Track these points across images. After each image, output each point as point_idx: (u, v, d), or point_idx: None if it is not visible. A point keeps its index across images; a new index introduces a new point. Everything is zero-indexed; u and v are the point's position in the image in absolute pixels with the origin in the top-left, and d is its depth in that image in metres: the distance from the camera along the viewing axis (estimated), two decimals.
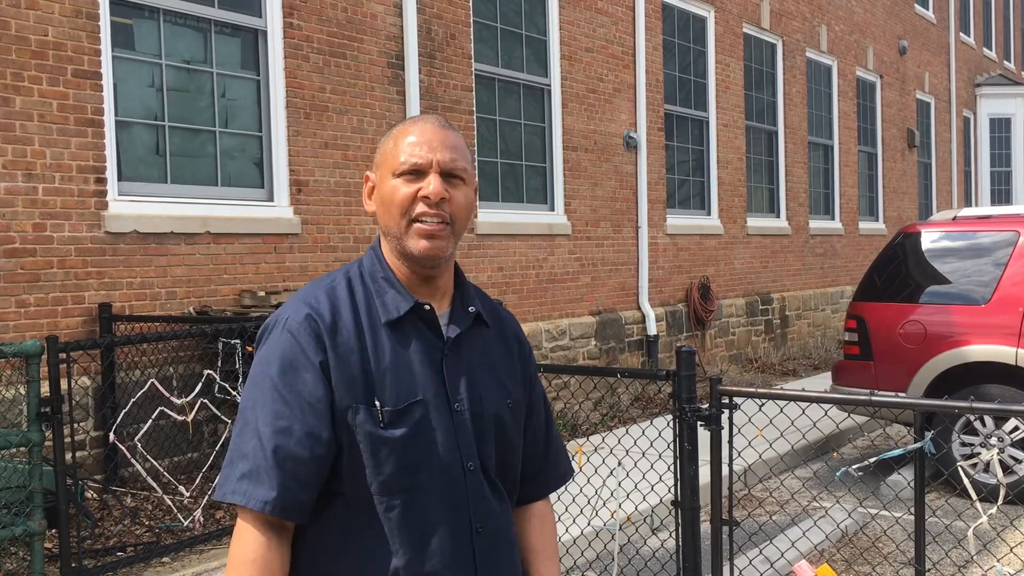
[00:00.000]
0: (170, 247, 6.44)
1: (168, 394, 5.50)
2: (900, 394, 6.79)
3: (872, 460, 3.90)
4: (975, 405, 3.28)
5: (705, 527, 3.93)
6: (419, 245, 1.76)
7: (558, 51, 9.78)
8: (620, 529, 5.14)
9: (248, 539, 1.68)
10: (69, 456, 5.00)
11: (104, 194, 6.13)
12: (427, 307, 1.79)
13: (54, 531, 4.88)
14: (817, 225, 15.06)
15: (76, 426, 5.64)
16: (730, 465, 3.69)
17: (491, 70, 9.11)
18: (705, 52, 12.31)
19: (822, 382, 10.56)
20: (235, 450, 1.72)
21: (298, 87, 7.27)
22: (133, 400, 5.55)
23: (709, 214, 12.42)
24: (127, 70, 6.39)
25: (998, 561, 5.21)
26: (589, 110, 10.18)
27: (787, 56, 14.14)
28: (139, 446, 5.71)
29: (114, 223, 6.14)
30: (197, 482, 5.92)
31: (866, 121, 16.95)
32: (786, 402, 3.70)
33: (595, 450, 5.23)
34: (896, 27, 18.06)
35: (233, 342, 5.71)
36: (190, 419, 5.55)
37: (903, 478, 6.90)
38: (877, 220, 17.49)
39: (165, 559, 5.06)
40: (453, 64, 8.56)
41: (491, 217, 8.95)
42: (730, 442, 3.67)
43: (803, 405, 3.76)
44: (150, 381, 5.54)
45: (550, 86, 9.76)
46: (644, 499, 5.24)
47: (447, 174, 1.77)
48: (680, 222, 11.66)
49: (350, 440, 1.70)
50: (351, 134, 7.67)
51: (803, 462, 7.59)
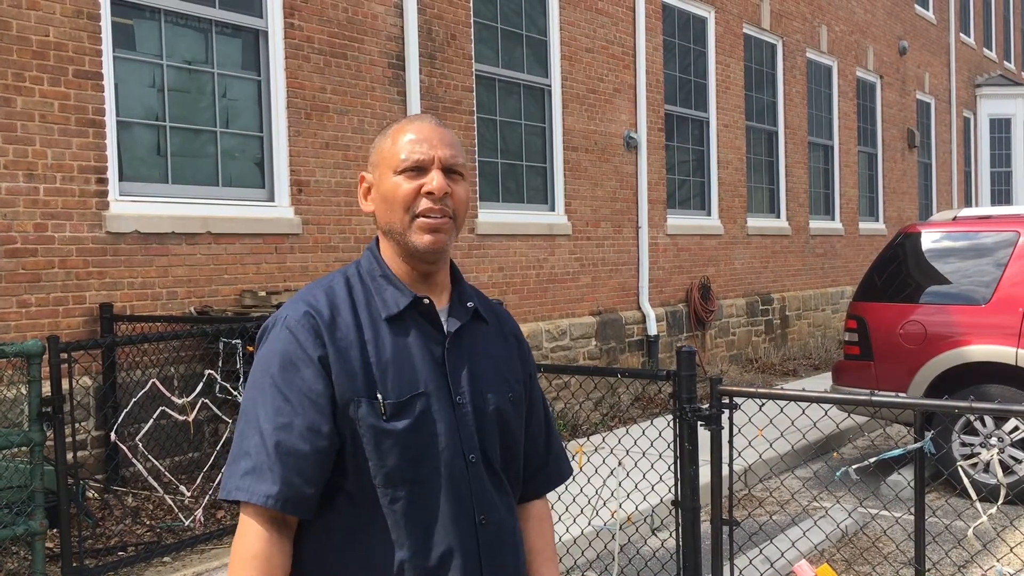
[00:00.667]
0: (171, 247, 6.44)
1: (169, 394, 5.51)
2: (900, 394, 6.80)
3: (872, 460, 3.90)
4: (975, 405, 3.29)
5: (705, 527, 3.94)
6: (423, 239, 1.78)
7: (558, 51, 9.79)
8: (620, 529, 5.14)
9: (250, 534, 1.68)
10: (70, 456, 5.00)
11: (105, 194, 6.14)
12: (426, 301, 1.81)
13: (55, 531, 4.88)
14: (817, 225, 15.07)
15: (77, 426, 5.65)
16: (730, 465, 3.70)
17: (491, 70, 9.12)
18: (705, 52, 12.32)
19: (822, 382, 10.57)
20: (237, 448, 1.73)
21: (299, 87, 7.27)
22: (134, 400, 5.56)
23: (709, 214, 12.43)
24: (128, 70, 6.40)
25: (998, 561, 5.22)
26: (589, 110, 10.18)
27: (787, 56, 14.15)
28: (140, 446, 5.71)
29: (115, 223, 6.15)
30: (198, 482, 5.92)
31: (866, 121, 16.95)
32: (786, 402, 3.71)
33: (595, 450, 5.24)
34: (896, 27, 18.07)
35: (234, 342, 5.71)
36: (191, 419, 5.55)
37: (903, 478, 6.91)
38: (877, 220, 17.50)
39: (166, 559, 5.07)
40: (454, 64, 8.57)
41: (491, 217, 8.96)
42: (730, 442, 3.67)
43: (803, 405, 3.76)
44: (151, 381, 5.55)
45: (550, 86, 9.76)
46: (644, 499, 5.25)
47: (448, 170, 1.80)
48: (680, 222, 11.67)
49: (352, 434, 1.71)
50: (352, 134, 7.67)
51: (803, 462, 7.59)
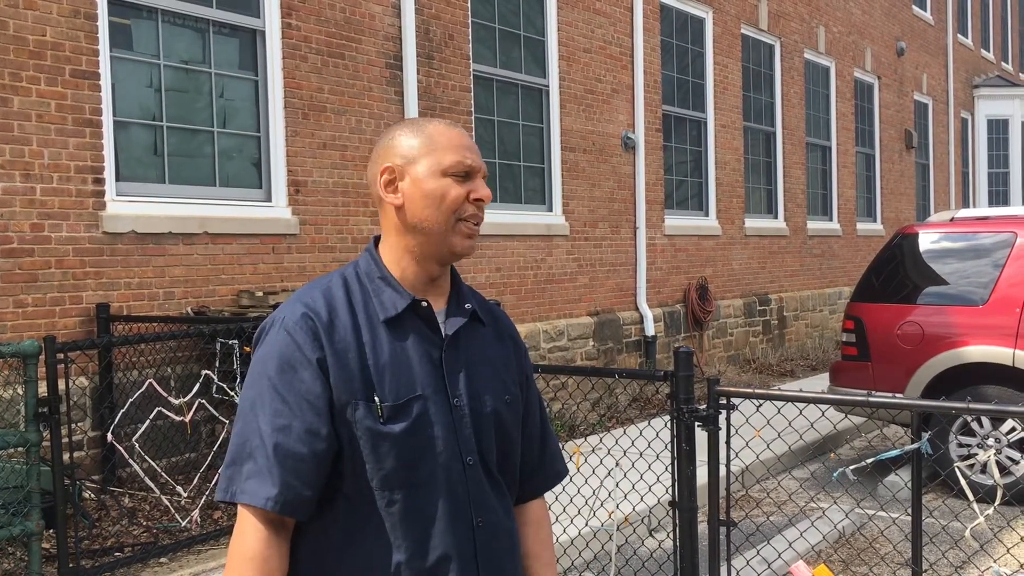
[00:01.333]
0: (168, 247, 6.44)
1: (166, 394, 5.50)
2: (897, 395, 6.80)
3: (869, 461, 3.90)
4: (972, 406, 3.29)
5: (703, 528, 3.93)
6: (464, 244, 1.81)
7: (556, 52, 9.79)
8: (618, 529, 5.14)
9: (248, 536, 1.68)
10: (67, 456, 4.99)
11: (102, 194, 6.13)
12: (424, 304, 1.81)
13: (52, 531, 4.88)
14: (815, 226, 15.08)
15: (74, 426, 5.64)
16: (727, 466, 3.70)
17: (489, 71, 9.12)
18: (703, 53, 12.32)
19: (820, 383, 10.58)
20: (235, 450, 1.72)
21: (296, 87, 7.27)
22: (131, 400, 5.55)
23: (707, 215, 12.43)
24: (125, 70, 6.39)
25: (995, 562, 5.22)
26: (587, 111, 10.18)
27: (785, 57, 14.15)
28: (137, 446, 5.71)
29: (112, 223, 6.14)
30: (195, 482, 5.91)
31: (864, 122, 16.96)
32: (784, 403, 3.70)
33: (593, 451, 5.24)
34: (894, 28, 18.08)
35: (231, 342, 5.71)
36: (188, 419, 5.55)
37: (900, 479, 6.91)
38: (875, 221, 17.51)
39: (163, 559, 5.06)
40: (451, 65, 8.57)
41: (489, 218, 8.94)
42: (727, 443, 3.67)
43: (800, 406, 3.76)
44: (148, 381, 5.54)
45: (548, 87, 9.76)
46: (642, 499, 5.25)
47: (483, 178, 1.86)
48: (678, 223, 11.67)
49: (350, 436, 1.71)
50: (349, 134, 7.67)
51: (800, 463, 7.60)
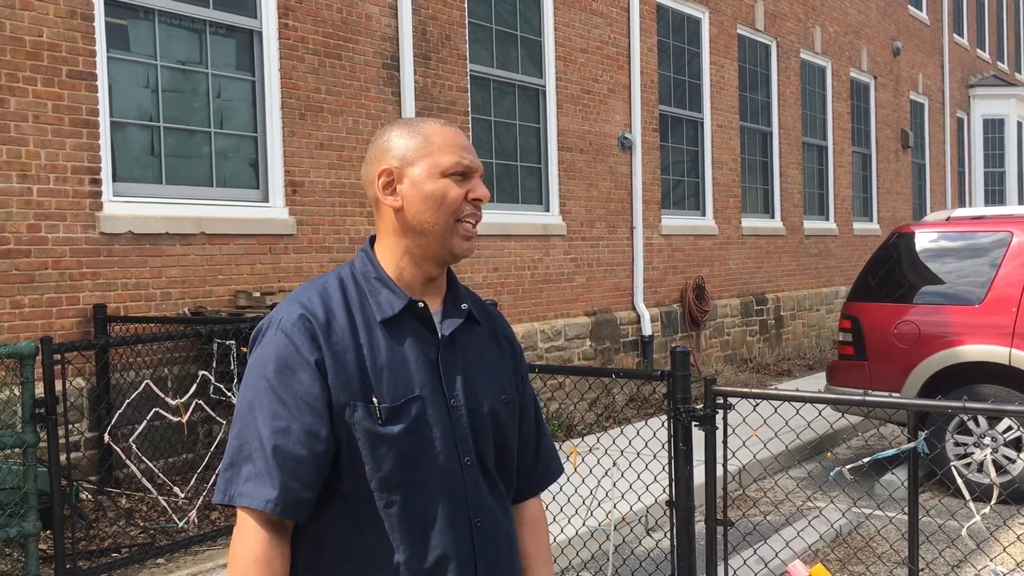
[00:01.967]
0: (165, 248, 6.43)
1: (163, 395, 5.50)
2: (894, 394, 6.81)
3: (866, 460, 3.91)
4: (968, 405, 3.30)
5: (700, 527, 3.94)
6: (464, 245, 1.82)
7: (553, 52, 9.80)
8: (615, 529, 5.14)
9: (250, 538, 1.68)
10: (64, 457, 4.99)
11: (99, 195, 6.13)
12: (421, 304, 1.81)
13: (49, 532, 4.87)
14: (811, 225, 15.09)
15: (71, 427, 5.63)
16: (724, 465, 3.70)
17: (486, 71, 9.12)
18: (699, 53, 12.33)
19: (816, 382, 10.59)
20: (234, 452, 1.72)
21: (293, 88, 7.27)
22: (128, 401, 5.55)
23: (704, 215, 12.44)
24: (122, 71, 6.38)
25: (991, 560, 5.23)
26: (584, 111, 10.19)
27: (781, 57, 14.17)
28: (134, 447, 5.70)
29: (109, 224, 6.14)
30: (192, 483, 5.91)
31: (860, 122, 16.98)
32: (780, 402, 3.71)
33: (590, 450, 5.24)
34: (890, 28, 18.10)
35: (228, 343, 5.70)
36: (185, 420, 5.54)
37: (897, 478, 6.92)
38: (871, 220, 17.53)
39: (160, 560, 5.06)
40: (448, 65, 8.57)
41: (486, 218, 8.95)
42: (724, 442, 3.67)
43: (797, 405, 3.77)
44: (145, 382, 5.54)
45: (545, 87, 9.77)
46: (639, 499, 5.25)
47: (480, 177, 1.87)
48: (675, 223, 11.68)
49: (348, 437, 1.71)
50: (346, 135, 7.67)
51: (797, 462, 7.60)
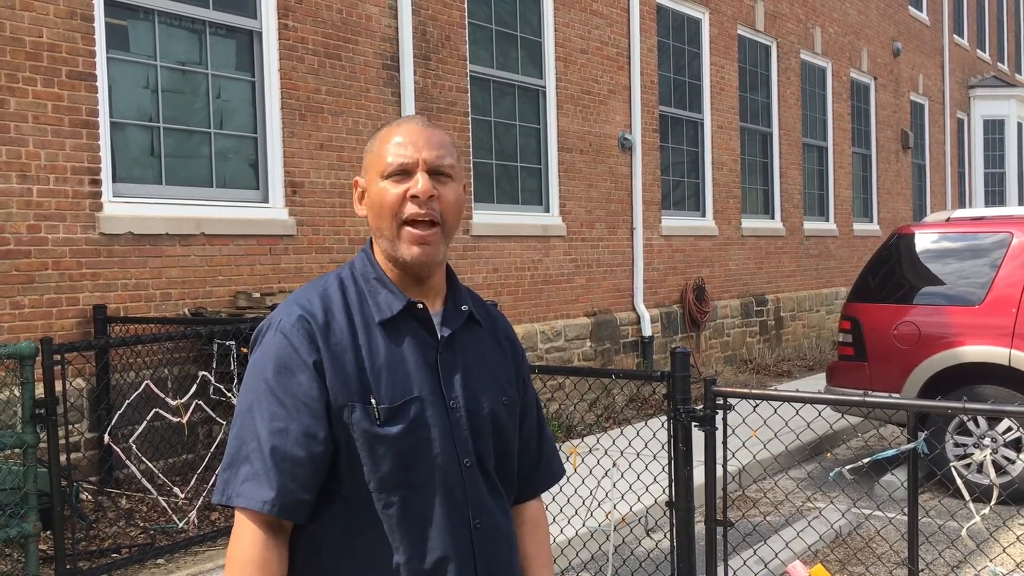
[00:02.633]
0: (165, 248, 6.43)
1: (163, 396, 5.50)
2: (894, 395, 6.81)
3: (866, 461, 3.91)
4: (968, 406, 3.30)
5: (700, 528, 3.94)
6: (411, 251, 1.77)
7: (553, 53, 9.80)
8: (615, 530, 5.14)
9: (247, 539, 1.68)
10: (64, 458, 4.98)
11: (99, 195, 6.13)
12: (420, 305, 1.80)
13: (49, 533, 4.87)
14: (812, 226, 15.09)
15: (71, 428, 5.63)
16: (724, 466, 3.70)
17: (486, 71, 9.12)
18: (700, 54, 12.33)
19: (816, 383, 10.59)
20: (232, 453, 1.72)
21: (293, 88, 7.27)
22: (128, 402, 5.55)
23: (704, 215, 12.44)
24: (122, 71, 6.39)
25: (991, 561, 5.23)
26: (584, 111, 10.19)
27: (781, 58, 14.17)
28: (134, 448, 5.70)
29: (109, 224, 6.14)
30: (192, 483, 5.91)
31: (860, 123, 16.98)
32: (780, 403, 3.71)
33: (590, 451, 5.24)
34: (890, 29, 18.10)
35: (228, 343, 5.70)
36: (185, 421, 5.54)
37: (896, 479, 6.92)
38: (871, 221, 17.53)
39: (160, 561, 5.06)
40: (448, 66, 8.57)
41: (486, 218, 8.96)
42: (724, 443, 3.68)
43: (797, 406, 3.77)
44: (145, 383, 5.54)
45: (545, 87, 9.77)
46: (639, 500, 5.25)
47: (434, 171, 1.79)
48: (675, 223, 11.68)
49: (347, 439, 1.71)
50: (346, 135, 7.67)
51: (797, 463, 7.60)
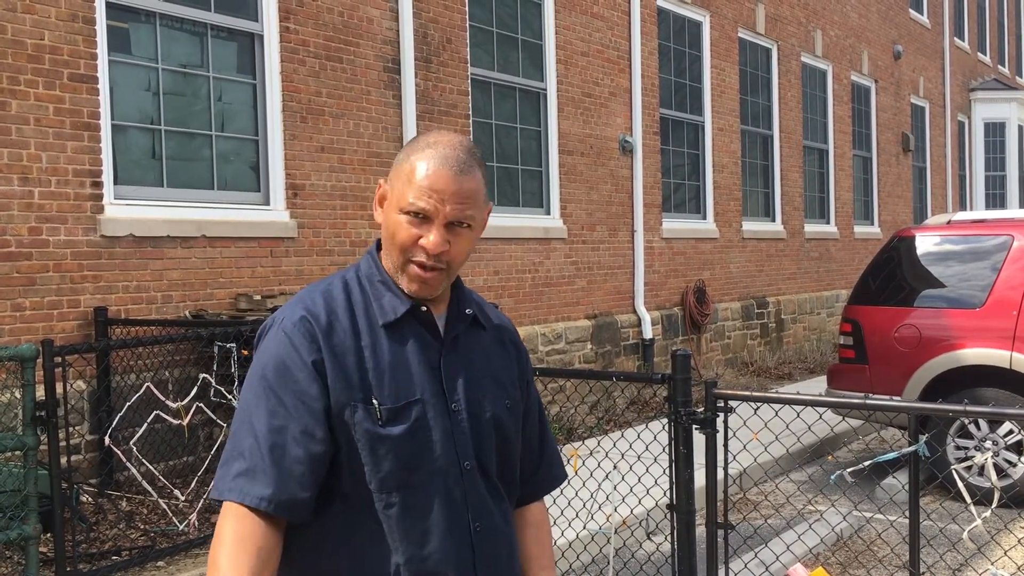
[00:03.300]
0: (166, 251, 6.44)
1: (164, 398, 5.50)
2: (895, 398, 6.81)
3: (867, 463, 3.91)
4: (969, 408, 3.29)
5: (700, 531, 3.93)
6: (411, 287, 1.79)
7: (554, 55, 9.80)
8: (615, 533, 5.14)
9: (239, 522, 1.65)
10: (64, 460, 4.99)
11: (100, 198, 6.13)
12: (424, 308, 1.81)
13: (49, 535, 4.87)
14: (812, 229, 15.09)
15: (71, 430, 5.63)
16: (725, 468, 3.70)
17: (487, 74, 9.13)
18: (700, 57, 12.34)
19: (817, 386, 10.58)
20: (231, 449, 1.72)
21: (294, 91, 7.27)
22: (128, 404, 5.55)
23: (704, 218, 12.44)
24: (123, 74, 6.39)
25: (992, 564, 5.23)
26: (585, 114, 10.19)
27: (782, 61, 14.17)
28: (134, 450, 5.70)
29: (110, 227, 6.14)
30: (192, 486, 5.91)
31: (861, 125, 16.98)
32: (781, 405, 3.71)
33: (591, 453, 5.24)
34: (891, 32, 18.11)
35: (229, 346, 5.70)
36: (186, 423, 5.54)
37: (898, 481, 6.91)
38: (872, 224, 17.53)
39: (160, 563, 5.06)
40: (449, 68, 8.57)
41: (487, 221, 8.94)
42: (725, 445, 3.67)
43: (798, 408, 3.77)
44: (145, 385, 5.54)
45: (546, 90, 9.77)
46: (639, 503, 5.24)
47: (453, 224, 1.76)
48: (676, 226, 11.68)
49: (348, 438, 1.71)
50: (347, 138, 7.67)
51: (798, 465, 7.60)
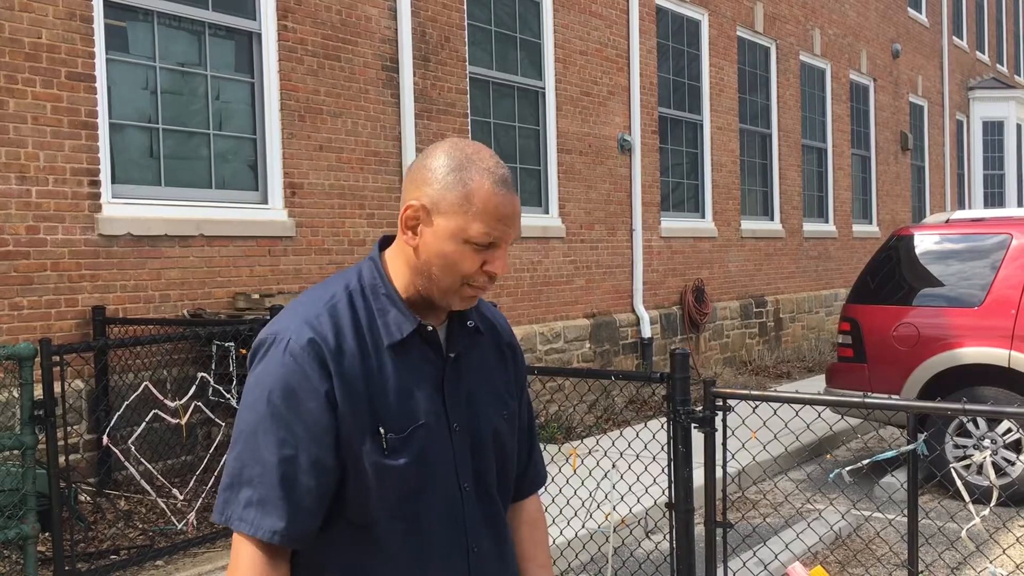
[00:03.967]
0: (164, 250, 6.43)
1: (162, 397, 5.49)
2: (893, 396, 6.81)
3: (865, 462, 3.91)
4: (967, 407, 3.29)
5: (699, 529, 3.93)
6: (463, 304, 1.76)
7: (552, 54, 9.80)
8: (614, 532, 5.14)
9: (250, 564, 1.65)
10: (62, 459, 4.98)
11: (98, 197, 6.12)
12: (430, 328, 1.77)
13: (47, 534, 4.87)
14: (811, 228, 15.09)
15: (69, 429, 5.63)
16: (724, 467, 3.70)
17: (485, 73, 9.12)
18: (699, 55, 12.33)
19: (816, 384, 10.58)
20: (236, 474, 1.67)
21: (292, 90, 7.26)
22: (127, 403, 5.55)
23: (703, 217, 12.44)
24: (121, 73, 6.38)
25: (991, 562, 5.23)
26: (583, 113, 10.19)
27: (781, 59, 14.17)
28: (133, 449, 5.70)
29: (108, 226, 6.14)
30: (191, 485, 5.90)
31: (859, 124, 16.99)
32: (780, 404, 3.71)
33: (589, 452, 5.24)
34: (889, 30, 18.11)
35: (227, 345, 5.70)
36: (184, 422, 5.54)
37: (896, 480, 6.92)
38: (871, 223, 17.53)
39: (159, 562, 5.05)
40: (447, 67, 8.57)
41: None
42: (724, 444, 3.67)
43: (797, 407, 3.77)
44: (144, 384, 5.53)
45: (544, 89, 9.77)
46: (638, 501, 5.25)
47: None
48: (674, 225, 11.68)
49: (355, 464, 1.68)
50: (345, 137, 7.66)
51: (797, 464, 7.60)
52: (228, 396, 5.62)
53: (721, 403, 3.63)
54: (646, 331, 10.78)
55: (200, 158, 6.85)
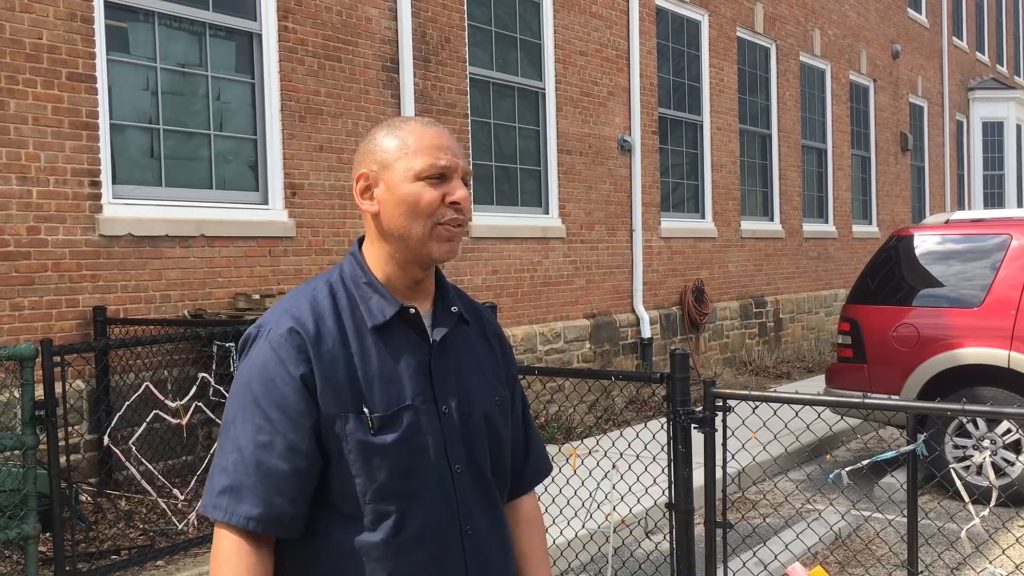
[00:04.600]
0: (164, 250, 6.44)
1: (162, 397, 5.50)
2: (893, 397, 6.81)
3: (865, 462, 3.91)
4: (967, 407, 3.30)
5: (699, 530, 3.94)
6: (442, 249, 1.78)
7: (552, 54, 9.80)
8: (614, 532, 5.14)
9: (232, 557, 1.66)
10: (63, 459, 4.99)
11: (98, 197, 6.13)
12: (412, 310, 1.80)
13: (48, 534, 4.87)
14: (811, 228, 15.10)
15: (70, 429, 5.63)
16: (724, 467, 3.70)
17: (485, 73, 9.13)
18: (699, 56, 12.34)
19: (816, 385, 10.59)
20: (217, 464, 1.70)
21: (293, 90, 7.27)
22: (128, 403, 5.55)
23: (703, 217, 12.45)
24: (122, 73, 6.39)
25: (990, 563, 5.23)
26: (583, 113, 10.19)
27: (781, 60, 14.18)
28: (133, 449, 5.70)
29: (108, 226, 6.14)
30: (191, 485, 5.91)
31: (859, 125, 16.99)
32: (780, 404, 3.71)
33: (589, 453, 5.24)
34: (889, 31, 18.12)
35: (227, 345, 5.71)
36: (184, 422, 5.54)
37: (896, 480, 6.92)
38: (870, 223, 17.54)
39: (159, 562, 5.06)
40: (448, 67, 8.57)
41: (485, 220, 8.96)
42: (724, 444, 3.68)
43: (796, 407, 3.77)
44: (144, 384, 5.54)
45: (544, 89, 9.77)
46: (638, 502, 5.25)
47: (462, 177, 1.81)
48: (674, 225, 11.68)
49: (338, 450, 1.70)
50: (346, 137, 7.67)
51: (796, 464, 7.60)
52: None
53: (721, 403, 3.64)
54: (646, 331, 10.79)
55: (201, 159, 6.86)
